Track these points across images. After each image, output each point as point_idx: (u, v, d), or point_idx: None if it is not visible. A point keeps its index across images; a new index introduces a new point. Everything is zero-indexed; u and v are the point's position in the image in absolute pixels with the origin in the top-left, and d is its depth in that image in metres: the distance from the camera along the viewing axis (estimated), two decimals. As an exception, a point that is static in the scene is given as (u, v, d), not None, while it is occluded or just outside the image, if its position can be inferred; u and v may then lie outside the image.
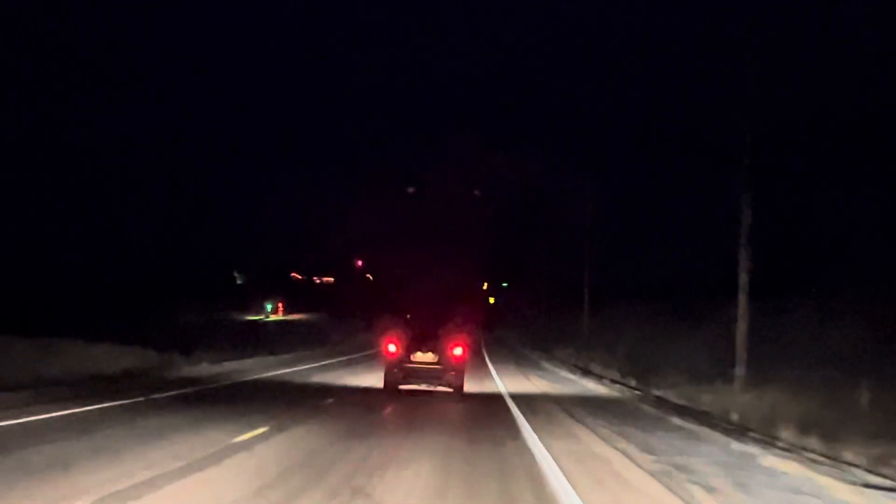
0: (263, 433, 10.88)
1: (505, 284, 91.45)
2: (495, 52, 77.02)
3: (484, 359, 29.72)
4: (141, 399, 14.25)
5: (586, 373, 28.04)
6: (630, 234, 43.75)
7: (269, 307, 72.37)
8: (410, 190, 55.73)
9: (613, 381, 24.26)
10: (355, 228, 74.05)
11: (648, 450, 10.92)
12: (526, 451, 10.58)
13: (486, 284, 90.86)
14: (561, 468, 9.03)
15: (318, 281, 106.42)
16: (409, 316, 19.28)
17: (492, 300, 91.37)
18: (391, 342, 17.47)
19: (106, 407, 12.98)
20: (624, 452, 10.66)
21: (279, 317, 70.30)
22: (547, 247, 52.99)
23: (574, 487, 7.95)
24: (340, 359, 30.21)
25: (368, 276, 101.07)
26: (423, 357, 17.36)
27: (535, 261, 59.47)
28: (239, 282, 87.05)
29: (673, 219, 38.59)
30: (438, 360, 17.31)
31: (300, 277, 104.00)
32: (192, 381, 18.98)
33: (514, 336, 55.63)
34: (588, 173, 34.85)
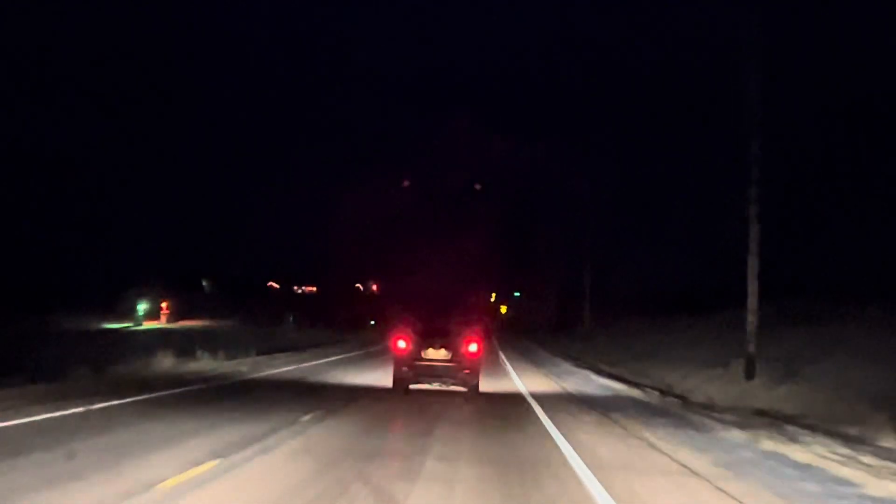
0: None
1: (517, 294, 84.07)
2: (499, 40, 72.07)
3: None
4: None
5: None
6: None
7: (140, 310, 54.26)
8: (406, 183, 51.02)
9: None
10: (353, 233, 66.14)
11: None
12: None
13: (493, 296, 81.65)
14: None
15: (298, 290, 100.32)
16: (417, 309, 17.36)
17: (504, 309, 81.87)
18: (400, 338, 16.16)
19: None
20: None
21: (159, 324, 52.62)
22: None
23: None
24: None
25: (358, 285, 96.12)
26: (434, 354, 15.96)
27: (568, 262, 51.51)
28: (208, 291, 79.63)
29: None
30: (452, 356, 15.88)
31: (277, 286, 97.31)
32: None
33: (556, 354, 36.88)
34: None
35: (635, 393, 16.06)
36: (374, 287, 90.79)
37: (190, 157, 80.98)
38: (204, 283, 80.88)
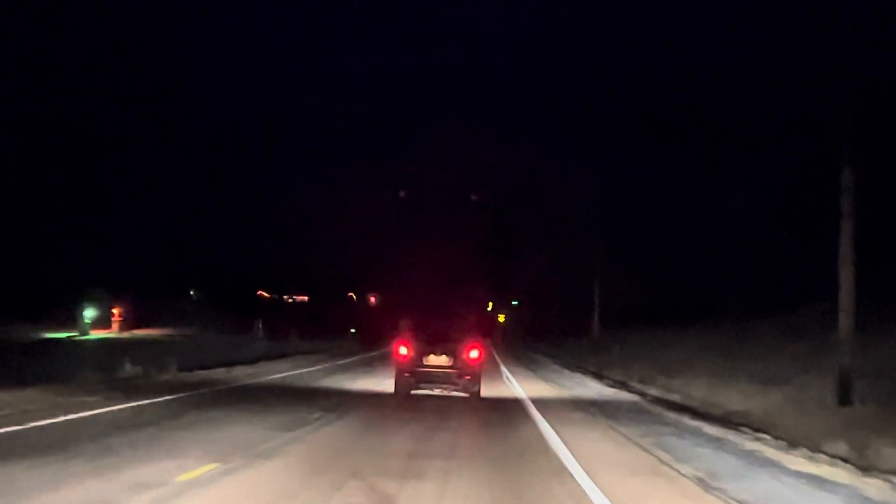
0: None
1: (515, 303, 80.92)
2: (493, 42, 69.25)
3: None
4: None
5: None
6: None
7: (87, 318, 49.30)
8: (402, 194, 51.14)
9: None
10: (347, 242, 68.61)
11: None
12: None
13: (490, 304, 76.88)
14: None
15: (289, 300, 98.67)
16: (418, 316, 17.24)
17: (502, 318, 77.45)
18: (402, 344, 16.16)
19: None
20: None
21: (108, 333, 47.74)
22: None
23: None
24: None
25: (351, 294, 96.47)
26: (436, 360, 16.02)
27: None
28: (195, 299, 77.60)
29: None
30: (453, 363, 15.95)
31: (268, 295, 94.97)
32: None
33: (572, 368, 27.98)
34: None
35: (743, 441, 10.52)
36: (372, 298, 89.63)
37: (183, 162, 78.02)
38: (192, 292, 78.54)
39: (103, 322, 48.31)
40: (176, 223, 67.03)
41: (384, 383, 18.32)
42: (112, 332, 46.63)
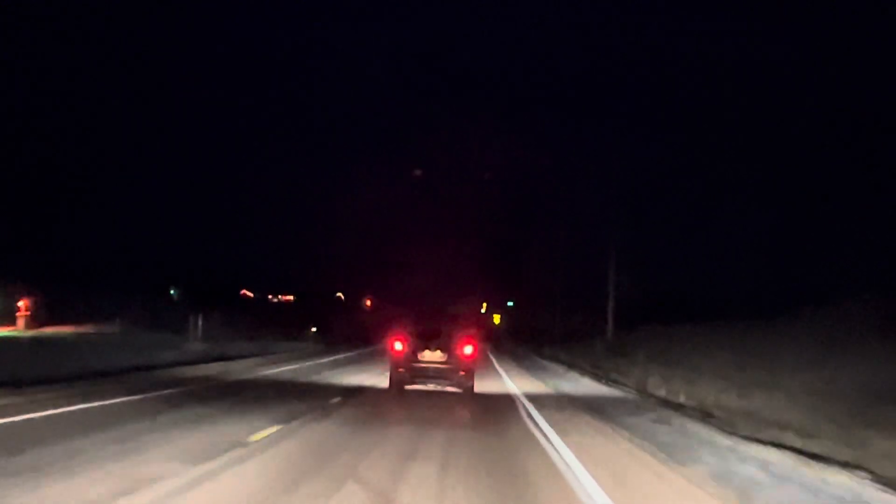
0: None
1: (511, 303, 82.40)
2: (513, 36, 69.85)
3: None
4: None
5: None
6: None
7: None
8: (417, 172, 51.10)
9: None
10: (340, 241, 70.18)
11: None
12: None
13: (484, 306, 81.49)
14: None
15: (274, 299, 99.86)
16: (414, 312, 17.86)
17: (497, 318, 77.74)
18: (397, 340, 16.72)
19: None
20: None
21: (11, 330, 42.46)
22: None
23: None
24: None
25: (339, 294, 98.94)
26: (431, 356, 16.45)
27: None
28: (176, 299, 75.52)
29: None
30: (447, 359, 16.38)
31: (251, 295, 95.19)
32: None
33: (610, 384, 21.12)
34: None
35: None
36: (368, 301, 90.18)
37: (175, 159, 76.33)
38: (172, 291, 76.65)
39: (8, 317, 43.25)
40: (162, 219, 65.49)
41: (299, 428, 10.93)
42: (14, 330, 41.35)
